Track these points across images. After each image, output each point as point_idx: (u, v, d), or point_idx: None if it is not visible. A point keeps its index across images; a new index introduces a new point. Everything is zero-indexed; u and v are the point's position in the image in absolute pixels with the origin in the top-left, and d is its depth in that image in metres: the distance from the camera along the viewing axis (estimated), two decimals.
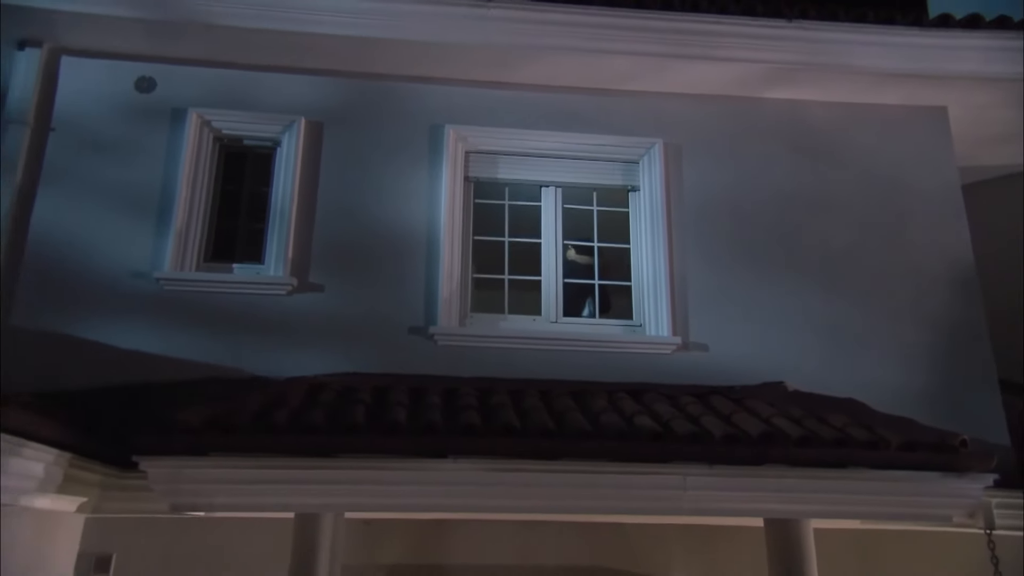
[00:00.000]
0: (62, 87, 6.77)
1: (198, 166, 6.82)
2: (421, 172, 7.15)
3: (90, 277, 6.36)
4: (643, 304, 7.20)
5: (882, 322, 7.19)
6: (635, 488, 5.05)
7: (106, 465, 5.28)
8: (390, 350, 6.64)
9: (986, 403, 6.95)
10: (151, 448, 4.61)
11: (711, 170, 7.48)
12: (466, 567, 6.71)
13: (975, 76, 7.24)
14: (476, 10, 6.74)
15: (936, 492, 5.09)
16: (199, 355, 6.35)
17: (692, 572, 6.86)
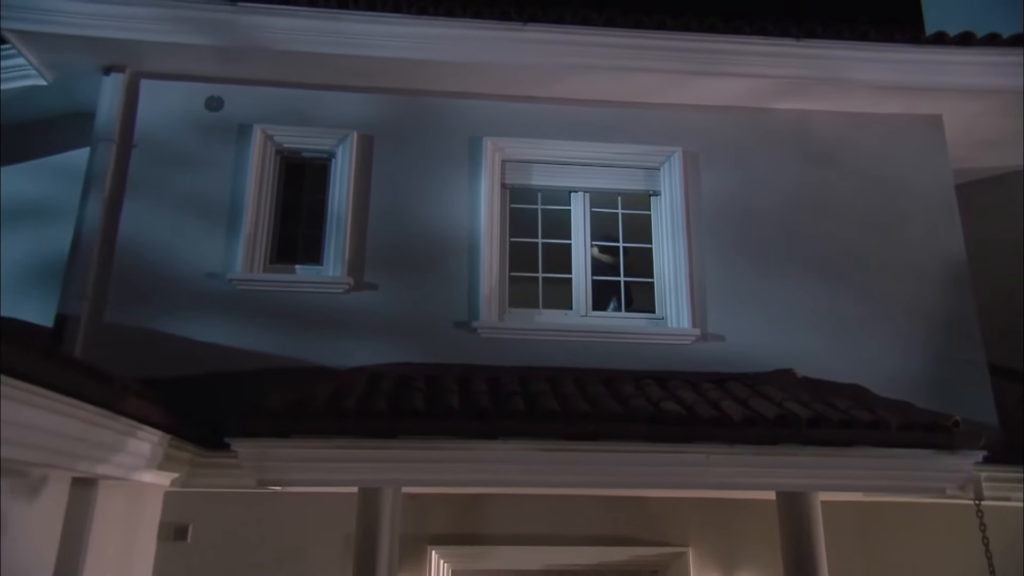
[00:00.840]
0: (142, 107, 7.01)
1: (263, 177, 7.04)
2: (462, 180, 7.33)
3: (171, 278, 6.62)
4: (665, 299, 7.36)
5: (882, 314, 7.33)
6: (664, 465, 5.34)
7: (195, 445, 5.61)
8: (437, 342, 6.85)
9: (976, 387, 7.09)
10: (241, 431, 4.95)
11: (726, 175, 7.61)
12: (501, 536, 6.95)
13: (967, 88, 7.36)
14: (513, 33, 6.92)
15: (931, 467, 5.34)
16: (268, 347, 6.60)
17: (708, 541, 7.06)
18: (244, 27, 6.66)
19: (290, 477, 5.19)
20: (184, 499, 6.50)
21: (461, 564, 7.01)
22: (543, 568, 7.13)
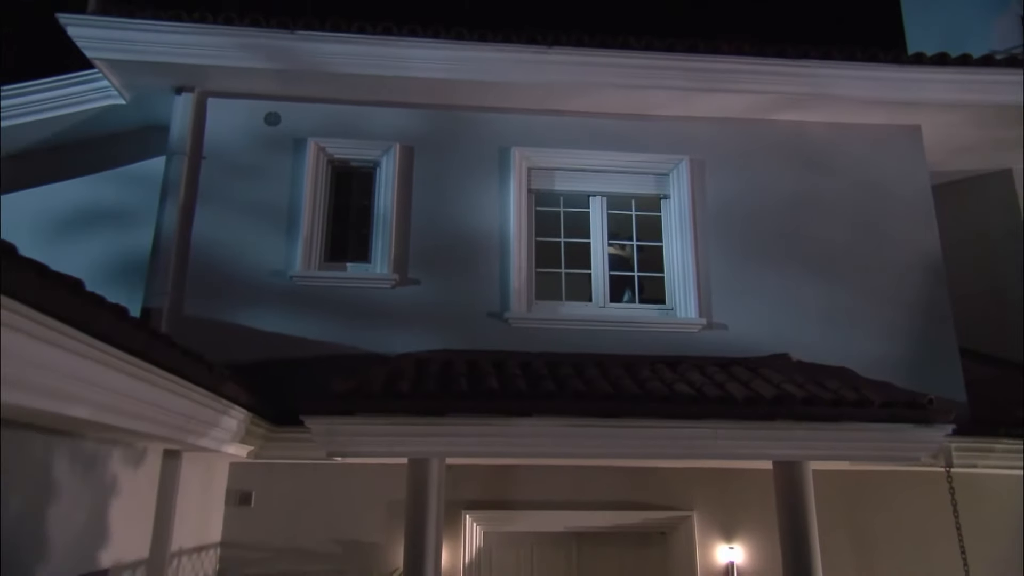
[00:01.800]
0: (209, 123, 7.37)
1: (316, 184, 7.39)
2: (493, 186, 7.66)
3: (239, 276, 7.01)
4: (674, 291, 7.70)
5: (867, 304, 7.65)
6: (677, 439, 5.81)
7: (267, 422, 6.06)
8: (474, 331, 7.23)
9: (949, 369, 7.43)
10: (313, 409, 5.43)
11: (728, 181, 7.90)
12: (527, 502, 7.35)
13: (943, 102, 7.67)
14: (538, 55, 7.23)
15: (908, 439, 5.78)
16: (324, 336, 7.02)
17: (711, 506, 7.44)
18: (301, 52, 7.04)
19: (353, 449, 5.66)
20: (247, 469, 6.95)
21: (491, 526, 7.41)
22: (564, 530, 7.53)
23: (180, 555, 5.95)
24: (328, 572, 6.99)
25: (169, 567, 5.71)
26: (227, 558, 6.86)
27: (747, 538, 7.39)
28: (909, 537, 7.34)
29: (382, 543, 7.07)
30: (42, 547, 4.08)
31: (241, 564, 6.88)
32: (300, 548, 7.00)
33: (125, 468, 5.05)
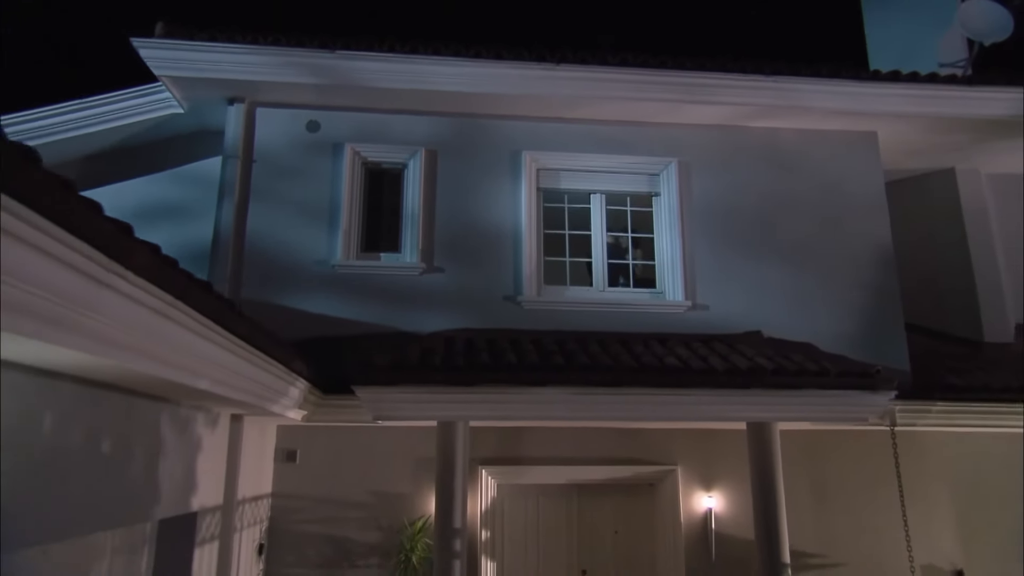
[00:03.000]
0: (258, 131, 7.67)
1: (352, 184, 7.69)
2: (506, 185, 7.95)
3: (288, 264, 7.38)
4: (664, 277, 8.02)
5: (828, 288, 7.99)
6: (666, 404, 6.31)
7: (318, 391, 6.52)
8: (491, 312, 7.59)
9: (896, 343, 7.84)
10: (361, 380, 5.94)
11: (711, 180, 8.17)
12: (534, 458, 7.83)
13: (896, 113, 8.02)
14: (547, 71, 7.53)
15: (859, 403, 6.30)
16: (362, 317, 7.41)
17: (692, 461, 7.90)
18: (338, 68, 7.36)
19: (395, 414, 6.17)
20: (292, 431, 7.52)
21: (504, 479, 7.92)
22: (566, 482, 8.03)
23: (243, 503, 6.56)
24: (363, 519, 7.45)
25: (236, 512, 6.35)
26: (277, 507, 7.40)
27: (723, 488, 7.86)
28: (859, 484, 7.84)
29: (409, 494, 7.56)
30: (155, 493, 4.72)
31: (288, 512, 7.40)
32: (338, 498, 7.48)
33: (205, 430, 5.66)
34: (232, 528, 6.27)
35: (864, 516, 7.80)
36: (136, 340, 2.98)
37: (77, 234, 2.28)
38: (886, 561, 7.57)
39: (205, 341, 3.75)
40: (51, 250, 2.22)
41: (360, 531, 7.45)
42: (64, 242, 2.25)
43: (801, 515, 7.58)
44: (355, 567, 7.36)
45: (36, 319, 2.31)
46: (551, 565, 7.98)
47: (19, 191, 1.93)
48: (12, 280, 2.10)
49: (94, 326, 2.61)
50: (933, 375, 7.51)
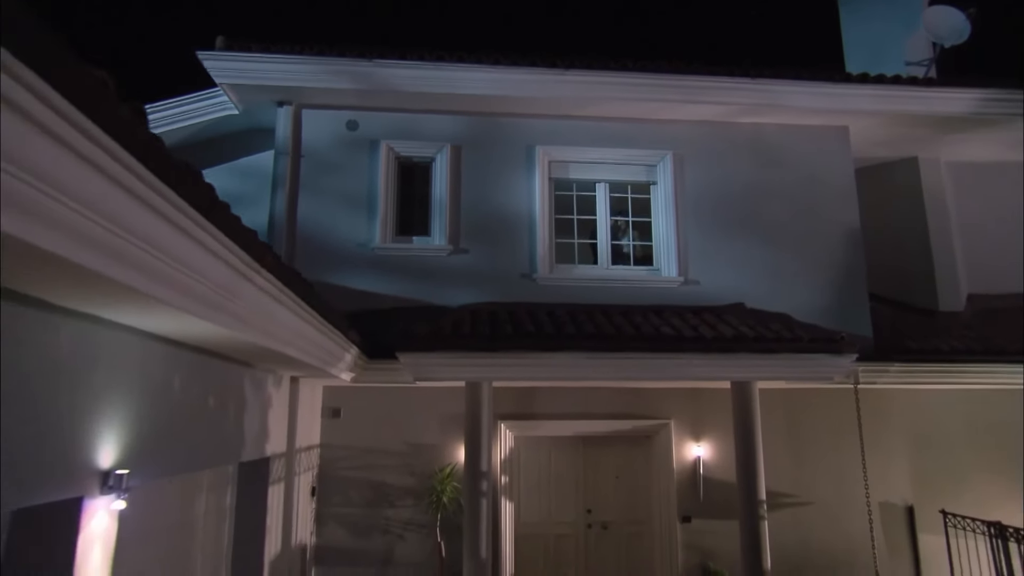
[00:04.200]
0: (305, 130, 8.02)
1: (387, 176, 8.06)
2: (522, 176, 8.29)
3: (334, 247, 7.79)
4: (660, 256, 8.39)
5: (803, 266, 8.37)
6: (662, 366, 6.86)
7: (365, 356, 7.07)
8: (510, 288, 8.00)
9: (860, 313, 8.25)
10: (403, 347, 6.53)
11: (703, 171, 8.49)
12: (546, 414, 8.35)
13: (865, 110, 8.37)
14: (558, 76, 7.88)
15: (826, 365, 6.87)
16: (398, 292, 7.85)
17: (684, 416, 8.43)
18: (375, 75, 7.74)
19: (432, 375, 6.73)
20: (336, 391, 8.09)
21: (520, 432, 8.48)
22: (573, 435, 8.58)
23: (300, 451, 7.25)
24: (398, 466, 8.06)
25: (296, 459, 7.05)
26: (324, 456, 8.04)
27: (710, 438, 8.42)
28: (827, 435, 8.42)
29: (438, 445, 8.16)
30: (242, 440, 5.43)
31: (334, 460, 8.02)
32: (377, 448, 8.08)
33: (274, 390, 6.34)
34: (293, 472, 6.99)
35: (831, 461, 8.37)
36: (259, 319, 3.65)
37: (232, 237, 2.93)
38: (849, 499, 8.16)
39: (298, 319, 4.41)
40: (217, 252, 2.88)
41: (396, 476, 8.05)
42: (225, 245, 2.91)
43: (777, 461, 8.15)
44: (393, 507, 8.00)
45: (205, 304, 2.98)
46: (561, 505, 8.57)
47: (205, 210, 2.58)
48: (198, 277, 2.77)
49: (236, 309, 3.29)
50: (892, 340, 8.01)
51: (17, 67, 1.49)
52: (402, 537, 7.96)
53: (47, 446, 2.78)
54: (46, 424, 2.76)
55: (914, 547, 8.33)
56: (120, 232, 2.14)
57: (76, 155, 1.82)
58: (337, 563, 7.81)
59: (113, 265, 2.19)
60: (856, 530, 8.00)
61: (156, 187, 2.17)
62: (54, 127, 1.70)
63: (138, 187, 2.12)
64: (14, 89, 1.53)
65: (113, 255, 2.18)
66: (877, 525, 8.13)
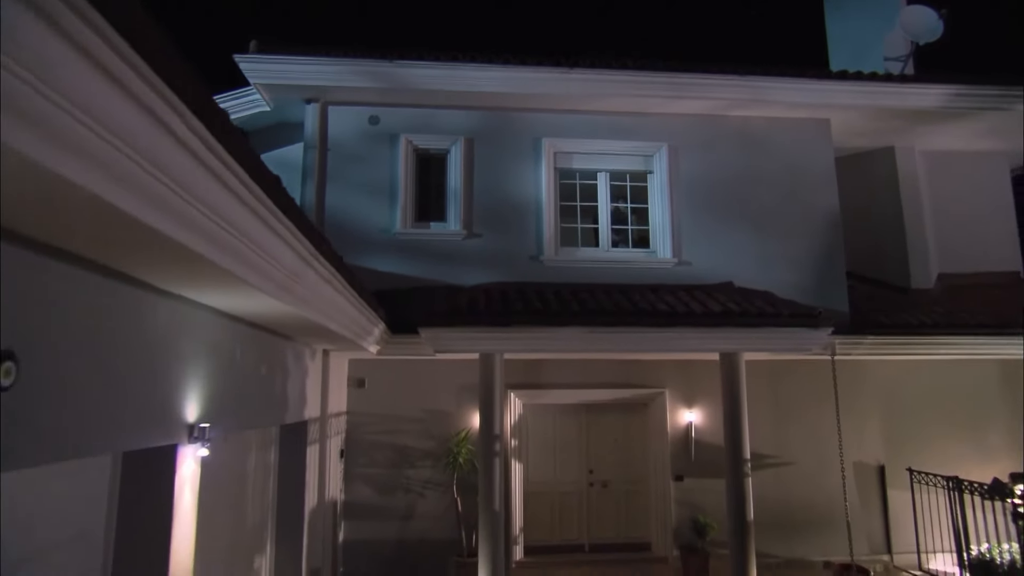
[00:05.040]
0: (331, 125, 8.35)
1: (407, 167, 8.40)
2: (530, 166, 8.61)
3: (359, 233, 8.14)
4: (656, 239, 8.74)
5: (786, 247, 8.72)
6: (657, 339, 7.20)
7: (389, 331, 7.43)
8: (519, 269, 8.37)
9: (838, 290, 8.63)
10: (425, 323, 6.94)
11: (695, 160, 8.81)
12: (551, 383, 8.76)
13: (845, 104, 8.68)
14: (563, 74, 8.19)
15: (805, 337, 7.25)
16: (417, 273, 8.23)
17: (677, 385, 8.84)
18: (395, 75, 8.07)
19: (450, 347, 7.11)
20: (361, 364, 8.51)
21: (527, 400, 8.93)
22: (576, 402, 9.02)
23: (331, 417, 7.74)
24: (418, 431, 8.51)
25: (328, 424, 7.55)
26: (351, 422, 8.51)
27: (701, 405, 8.86)
28: (806, 401, 8.85)
29: (454, 411, 8.62)
30: (284, 401, 5.93)
31: (359, 426, 8.49)
32: (398, 415, 8.54)
33: (310, 361, 6.82)
34: (326, 435, 7.50)
35: (810, 426, 8.83)
36: (315, 299, 4.15)
37: (301, 230, 3.41)
38: (826, 460, 8.64)
39: (343, 298, 4.90)
40: (291, 243, 3.36)
41: (416, 440, 8.53)
42: (297, 237, 3.39)
43: (762, 426, 8.62)
44: (413, 467, 8.50)
45: (278, 286, 3.47)
46: (565, 466, 9.08)
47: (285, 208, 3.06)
48: (276, 263, 3.26)
49: (300, 290, 3.78)
50: (866, 315, 8.41)
51: (187, 116, 1.97)
52: (422, 494, 8.45)
53: (151, 401, 3.29)
54: (150, 384, 3.27)
55: (884, 501, 8.86)
56: (229, 228, 2.63)
57: (210, 172, 2.30)
58: (364, 517, 8.33)
59: (223, 255, 2.68)
60: (832, 487, 8.47)
61: (257, 194, 2.65)
62: (202, 155, 2.18)
63: (243, 193, 2.60)
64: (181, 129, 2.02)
65: (223, 247, 2.67)
66: (851, 482, 8.62)
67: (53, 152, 1.61)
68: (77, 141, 1.67)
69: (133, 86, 1.77)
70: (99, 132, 1.72)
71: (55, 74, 1.52)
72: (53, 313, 2.46)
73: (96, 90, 1.67)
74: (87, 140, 1.70)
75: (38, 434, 2.38)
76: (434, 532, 8.33)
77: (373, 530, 8.30)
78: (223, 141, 2.29)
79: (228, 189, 2.49)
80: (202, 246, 2.53)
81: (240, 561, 5.49)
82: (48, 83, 1.50)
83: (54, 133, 1.60)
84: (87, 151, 1.72)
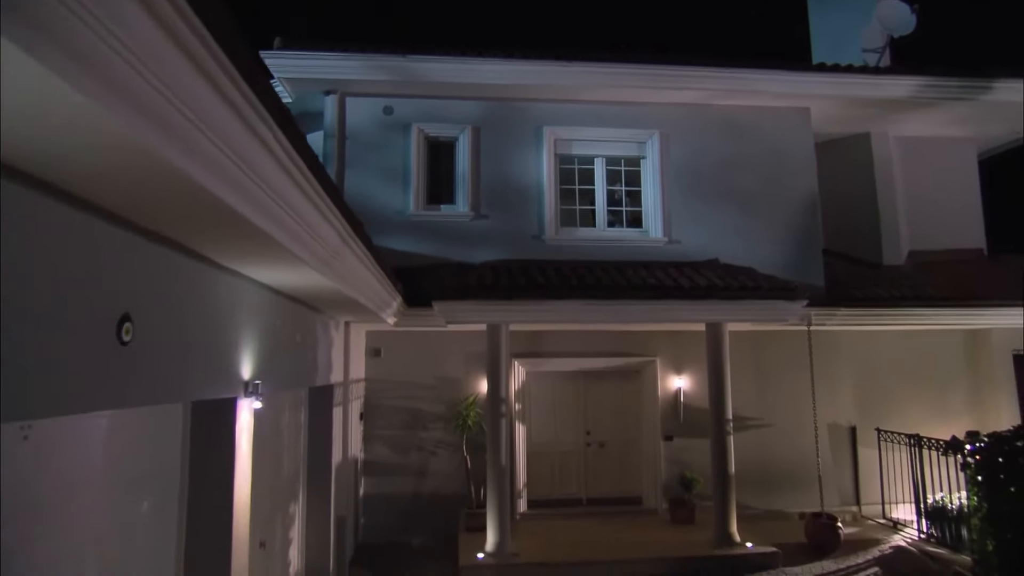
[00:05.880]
0: (348, 115, 8.68)
1: (419, 154, 8.74)
2: (532, 152, 8.96)
3: (376, 214, 8.42)
4: (648, 219, 9.12)
5: (768, 227, 9.10)
6: (649, 312, 7.58)
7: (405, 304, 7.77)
8: (522, 247, 8.76)
9: (815, 267, 9.03)
10: (438, 297, 7.34)
11: (685, 147, 9.14)
12: (552, 352, 9.17)
13: (823, 94, 9.00)
14: (562, 67, 8.50)
15: (782, 309, 7.65)
16: (429, 252, 8.63)
17: (667, 353, 9.27)
18: (408, 68, 8.39)
19: (460, 318, 7.51)
20: (377, 335, 8.95)
21: (530, 368, 9.35)
22: (575, 370, 9.42)
23: (352, 383, 8.21)
24: (430, 396, 8.96)
25: (349, 388, 8.03)
26: (369, 388, 8.97)
27: (689, 372, 9.30)
28: (785, 369, 9.29)
29: (462, 379, 9.07)
30: (314, 366, 6.41)
31: (377, 392, 8.95)
32: (412, 382, 8.98)
33: (334, 332, 7.27)
34: (348, 399, 7.99)
35: (789, 391, 9.29)
36: (349, 274, 4.60)
37: (342, 213, 3.85)
38: (802, 422, 9.13)
39: (370, 274, 5.34)
40: (334, 224, 3.80)
41: (429, 404, 8.99)
42: (339, 219, 3.83)
43: (744, 391, 9.08)
44: (426, 429, 8.99)
45: (320, 260, 3.92)
46: (565, 428, 9.56)
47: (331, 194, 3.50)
48: (322, 242, 3.71)
49: (339, 266, 4.23)
50: (840, 289, 8.83)
51: (270, 122, 2.41)
52: (434, 453, 8.95)
53: (217, 359, 3.75)
54: (216, 345, 3.73)
55: (854, 459, 9.40)
56: (291, 212, 3.07)
57: (279, 164, 2.75)
58: (382, 474, 8.86)
59: (285, 235, 3.13)
60: (807, 446, 8.95)
61: (312, 182, 3.09)
62: (275, 150, 2.62)
63: (302, 181, 3.04)
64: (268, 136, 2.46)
65: (287, 228, 3.12)
66: (825, 442, 9.13)
67: (194, 163, 2.06)
68: (203, 150, 2.12)
69: (237, 101, 2.21)
70: (217, 144, 2.17)
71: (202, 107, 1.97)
72: (152, 286, 2.91)
73: (218, 114, 2.12)
74: (207, 147, 2.15)
75: (145, 380, 2.85)
76: (446, 487, 8.84)
77: (391, 485, 8.82)
78: (291, 139, 2.73)
79: (292, 180, 2.93)
80: (273, 228, 2.98)
81: (280, 505, 6.01)
82: (192, 110, 1.94)
83: (191, 146, 2.05)
84: (210, 158, 2.17)
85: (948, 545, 7.50)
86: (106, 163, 1.96)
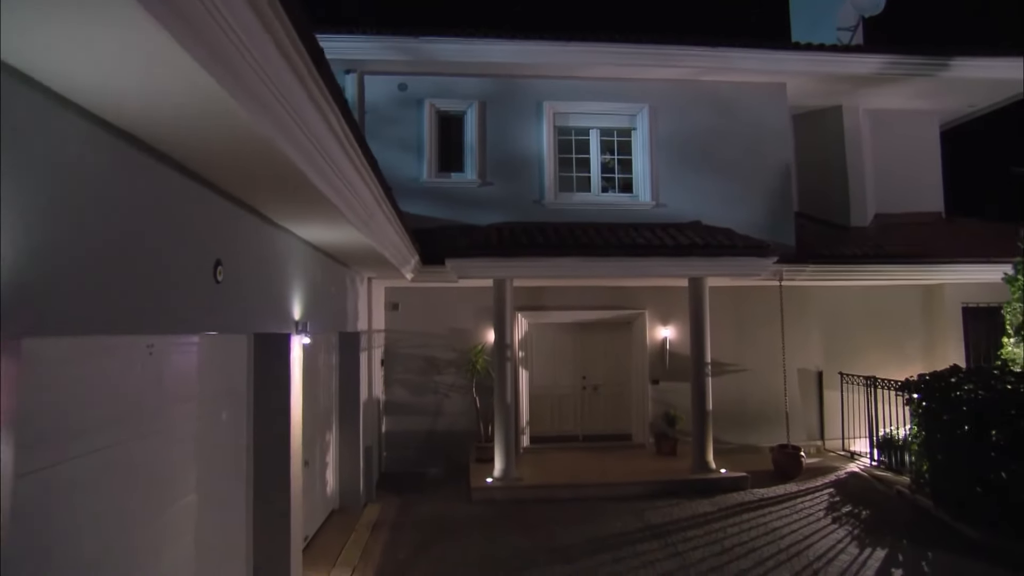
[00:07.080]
0: (367, 91, 9.07)
1: (431, 127, 9.13)
2: (532, 125, 9.34)
3: (393, 182, 7.99)
4: (638, 185, 9.54)
5: (746, 192, 9.52)
6: (638, 267, 8.04)
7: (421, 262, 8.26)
8: (525, 210, 9.21)
9: (787, 227, 9.46)
10: (450, 255, 7.81)
11: (672, 120, 9.51)
12: (551, 305, 9.68)
13: (798, 71, 9.35)
14: (561, 46, 8.82)
15: (755, 265, 8.13)
16: (441, 215, 9.11)
17: (654, 306, 9.77)
18: (421, 49, 8.74)
19: (470, 274, 8.00)
20: (395, 290, 9.50)
21: (532, 320, 9.88)
22: (571, 322, 9.94)
23: (374, 332, 8.84)
24: (443, 344, 9.54)
25: (372, 336, 8.66)
26: (388, 338, 9.57)
27: (674, 323, 9.85)
28: (760, 320, 9.85)
29: (472, 329, 9.64)
30: (344, 315, 7.01)
31: (395, 342, 9.54)
32: (426, 332, 9.56)
33: (360, 285, 7.86)
34: (372, 346, 8.63)
35: (763, 339, 9.87)
36: (380, 232, 5.18)
37: (377, 178, 4.41)
38: (774, 367, 9.74)
39: (395, 233, 5.90)
40: (371, 187, 4.37)
41: (442, 352, 9.61)
42: (375, 182, 4.39)
43: (723, 340, 9.67)
44: (440, 374, 9.62)
45: (360, 220, 4.50)
46: (563, 373, 10.16)
47: (371, 163, 4.06)
48: (361, 202, 4.28)
49: (373, 225, 4.81)
50: (809, 247, 9.34)
51: (334, 107, 2.98)
52: (447, 395, 9.60)
53: (276, 300, 4.36)
54: (274, 289, 4.33)
55: (820, 400, 10.05)
56: (343, 178, 3.65)
57: (337, 139, 3.32)
58: (401, 413, 9.54)
59: (338, 197, 3.71)
60: (779, 388, 9.60)
61: (359, 152, 3.66)
62: (335, 128, 3.19)
63: (351, 152, 3.61)
64: (331, 116, 3.02)
65: (338, 191, 3.70)
66: (794, 385, 9.78)
67: (287, 144, 2.65)
68: (295, 136, 2.70)
69: (316, 96, 2.77)
70: (302, 128, 2.75)
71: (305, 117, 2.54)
72: (235, 239, 3.50)
73: (303, 104, 2.68)
74: (296, 133, 2.72)
75: (231, 312, 3.47)
76: (458, 425, 9.52)
77: (409, 423, 9.51)
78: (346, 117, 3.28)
79: (346, 152, 3.49)
80: (330, 192, 3.56)
81: (319, 433, 6.70)
82: (288, 101, 2.51)
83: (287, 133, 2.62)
84: (298, 142, 2.75)
85: (893, 469, 8.22)
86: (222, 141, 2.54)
